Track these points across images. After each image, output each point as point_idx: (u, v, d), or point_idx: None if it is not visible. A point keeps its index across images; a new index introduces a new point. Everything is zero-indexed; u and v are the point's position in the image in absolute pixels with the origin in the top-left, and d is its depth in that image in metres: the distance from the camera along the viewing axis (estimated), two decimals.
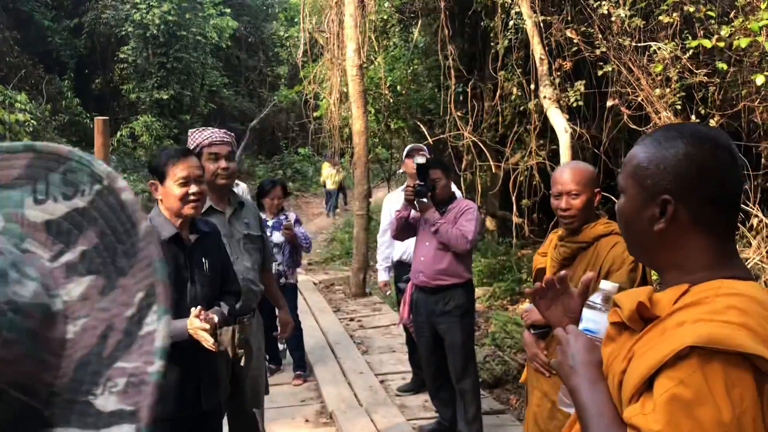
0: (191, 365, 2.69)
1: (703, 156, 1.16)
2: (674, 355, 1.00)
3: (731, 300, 1.05)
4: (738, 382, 0.97)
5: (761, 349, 0.97)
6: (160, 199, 2.71)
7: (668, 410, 0.98)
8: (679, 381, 0.99)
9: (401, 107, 9.81)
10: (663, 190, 1.18)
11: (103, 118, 5.56)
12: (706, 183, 1.15)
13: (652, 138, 1.24)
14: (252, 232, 3.50)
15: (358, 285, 8.57)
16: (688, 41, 6.03)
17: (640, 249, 1.29)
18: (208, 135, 3.28)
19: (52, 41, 17.73)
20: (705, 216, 1.16)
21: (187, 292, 2.71)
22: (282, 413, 4.96)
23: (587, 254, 2.73)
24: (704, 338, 0.98)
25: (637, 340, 1.13)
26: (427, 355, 4.37)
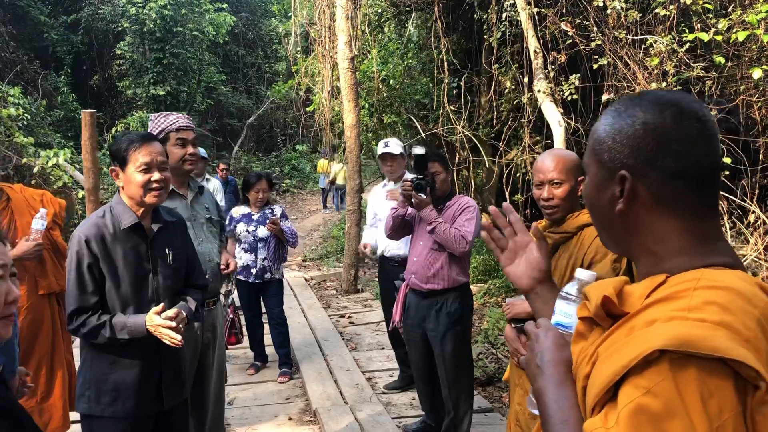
0: (152, 363, 2.59)
1: (662, 124, 1.02)
2: (642, 360, 0.86)
3: (711, 294, 0.91)
4: (716, 392, 0.83)
5: (743, 353, 0.83)
6: (122, 187, 2.59)
7: (633, 423, 0.84)
8: (647, 390, 0.85)
9: (395, 102, 9.69)
10: (620, 165, 1.05)
11: (91, 111, 5.47)
12: (667, 155, 1.01)
13: (613, 109, 1.11)
14: (213, 216, 3.45)
15: (350, 281, 8.46)
16: (685, 34, 5.93)
17: (608, 234, 1.15)
18: (175, 119, 3.18)
19: (48, 37, 17.66)
20: (669, 193, 1.02)
21: (149, 284, 2.60)
22: (266, 411, 4.86)
23: (570, 244, 2.62)
24: (676, 340, 0.84)
25: (603, 341, 0.98)
26: (418, 359, 4.20)
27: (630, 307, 0.98)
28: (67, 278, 2.51)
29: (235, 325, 5.44)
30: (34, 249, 3.44)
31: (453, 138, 8.35)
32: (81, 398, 2.55)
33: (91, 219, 2.55)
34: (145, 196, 2.54)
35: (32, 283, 3.69)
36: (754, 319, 0.89)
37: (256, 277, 5.36)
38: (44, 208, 3.59)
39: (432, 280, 3.93)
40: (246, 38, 24.89)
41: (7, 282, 1.46)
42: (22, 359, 3.68)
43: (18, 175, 8.79)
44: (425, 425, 4.36)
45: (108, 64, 19.52)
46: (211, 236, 3.43)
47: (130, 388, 2.52)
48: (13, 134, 9.08)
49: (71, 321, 2.48)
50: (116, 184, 2.62)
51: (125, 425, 2.54)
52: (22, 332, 3.60)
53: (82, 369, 2.58)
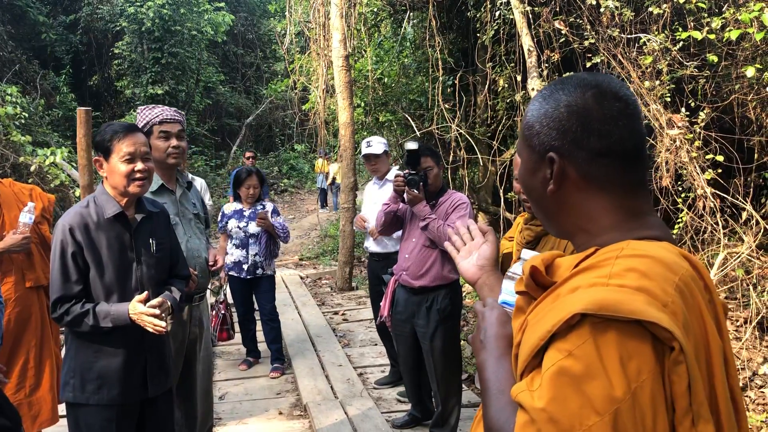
0: (136, 350, 2.61)
1: (584, 105, 1.05)
2: (564, 324, 0.89)
3: (632, 262, 0.94)
4: (635, 354, 0.86)
5: (658, 315, 0.86)
6: (105, 177, 2.61)
7: (555, 385, 0.87)
8: (569, 353, 0.88)
9: (390, 100, 9.71)
10: (548, 147, 1.08)
11: (86, 108, 5.49)
12: (590, 134, 1.04)
13: (539, 94, 1.14)
14: (200, 212, 3.46)
15: (344, 279, 8.47)
16: (679, 33, 5.94)
17: (544, 216, 1.18)
18: (159, 112, 3.19)
19: (46, 37, 17.68)
20: (596, 172, 1.05)
21: (133, 273, 2.61)
22: (256, 406, 4.88)
23: (551, 237, 2.63)
24: (594, 304, 0.87)
25: (532, 309, 1.02)
26: (405, 354, 4.21)
27: (559, 277, 1.01)
28: (51, 266, 2.53)
29: (227, 321, 5.46)
30: (21, 242, 3.46)
31: (448, 136, 8.37)
32: (66, 386, 2.56)
33: (74, 208, 2.57)
34: (128, 186, 2.56)
35: (19, 276, 3.70)
36: (672, 284, 0.92)
37: (248, 272, 5.38)
38: (32, 202, 3.61)
39: (423, 277, 3.93)
40: (245, 38, 24.91)
41: None
42: (10, 351, 3.70)
43: (15, 174, 8.80)
44: (412, 417, 4.38)
45: (107, 64, 19.55)
46: (199, 232, 3.45)
47: (114, 376, 2.54)
48: (10, 133, 9.09)
49: (55, 309, 2.50)
50: (100, 174, 2.63)
51: (110, 413, 2.55)
52: (9, 324, 3.62)
53: (67, 357, 2.60)
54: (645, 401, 0.85)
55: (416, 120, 9.38)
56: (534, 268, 1.03)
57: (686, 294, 0.94)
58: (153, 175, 2.70)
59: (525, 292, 1.07)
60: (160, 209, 2.85)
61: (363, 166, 17.82)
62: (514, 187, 2.69)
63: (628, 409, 0.84)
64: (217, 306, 5.47)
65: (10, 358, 3.69)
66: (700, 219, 5.83)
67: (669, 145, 5.89)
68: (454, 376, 4.08)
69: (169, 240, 2.83)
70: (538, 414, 0.87)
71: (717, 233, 5.75)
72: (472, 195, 9.19)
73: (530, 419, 0.89)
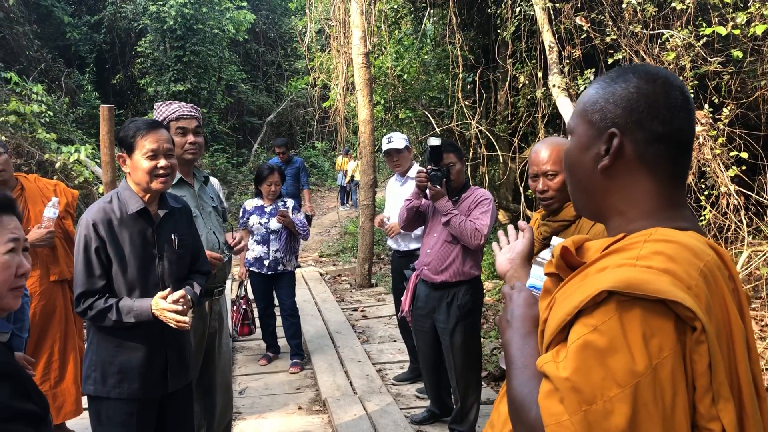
0: (157, 345, 2.63)
1: (654, 91, 1.09)
2: (590, 301, 0.93)
3: (659, 246, 0.98)
4: (658, 332, 0.89)
5: (682, 296, 0.90)
6: (128, 173, 2.64)
7: (580, 357, 0.92)
8: (594, 328, 0.92)
9: (410, 97, 9.71)
10: (611, 123, 1.12)
11: (109, 106, 5.57)
12: (655, 118, 1.08)
13: (604, 77, 1.18)
14: (217, 206, 3.49)
15: (364, 275, 8.49)
16: (703, 28, 5.87)
17: (582, 195, 1.21)
18: (176, 108, 3.22)
19: (71, 36, 17.89)
20: (651, 154, 1.10)
21: (155, 268, 2.64)
22: (276, 400, 4.91)
23: (569, 232, 2.62)
24: (622, 283, 0.91)
25: (560, 288, 1.06)
26: (425, 349, 4.21)
27: (588, 259, 1.06)
28: (75, 261, 2.56)
29: (248, 316, 5.52)
30: (45, 236, 3.52)
31: (468, 134, 8.36)
32: (88, 380, 2.59)
33: (98, 204, 2.60)
34: (151, 182, 2.58)
35: (44, 270, 3.77)
36: (697, 269, 0.96)
37: (268, 268, 5.42)
38: (56, 197, 3.67)
39: (444, 273, 3.93)
40: (266, 36, 25.01)
41: (20, 255, 1.58)
42: (36, 344, 3.77)
43: (40, 171, 8.92)
44: (431, 413, 4.39)
45: (129, 62, 19.75)
46: (219, 225, 3.48)
47: (135, 370, 2.57)
48: (36, 131, 9.23)
49: (78, 303, 2.52)
50: (123, 170, 2.66)
51: (131, 407, 2.58)
52: (35, 318, 3.69)
53: (89, 351, 2.63)
54: (665, 377, 0.88)
55: (436, 117, 9.38)
56: (565, 248, 1.08)
57: (710, 280, 0.98)
58: (176, 172, 2.72)
59: (554, 274, 1.11)
60: (183, 205, 2.87)
61: (383, 164, 17.83)
62: (531, 185, 2.69)
63: (649, 383, 0.87)
64: (238, 301, 5.52)
65: (35, 351, 3.76)
66: (723, 217, 5.77)
67: None
68: (474, 373, 4.07)
69: (191, 236, 2.85)
70: (562, 383, 0.92)
71: (741, 231, 5.68)
72: (492, 192, 9.17)
73: (554, 388, 0.93)
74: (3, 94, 10.04)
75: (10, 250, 1.53)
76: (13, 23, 15.38)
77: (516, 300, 1.27)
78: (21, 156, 8.79)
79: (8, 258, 1.52)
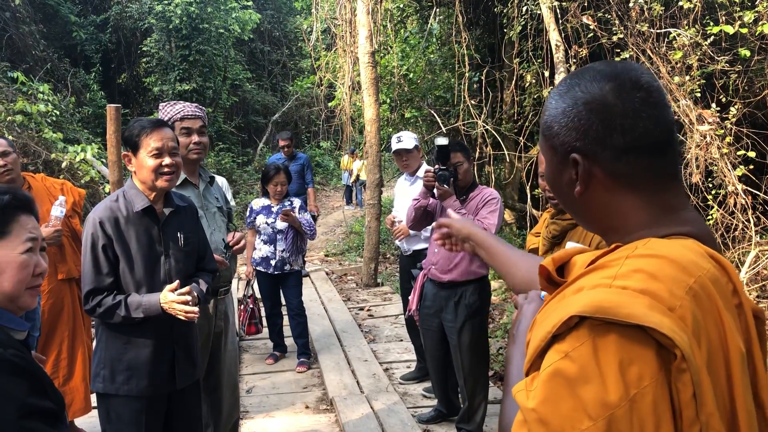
0: (164, 343, 2.65)
1: (603, 100, 0.98)
2: (563, 325, 0.86)
3: (641, 262, 0.89)
4: (637, 359, 0.81)
5: (658, 320, 0.81)
6: (134, 172, 2.65)
7: (549, 386, 0.84)
8: (565, 354, 0.84)
9: (416, 96, 9.70)
10: (570, 148, 1.02)
11: (116, 105, 5.57)
12: (613, 131, 0.98)
13: (557, 90, 1.07)
14: (222, 206, 3.50)
15: (370, 275, 8.49)
16: (710, 27, 5.85)
17: (576, 215, 1.12)
18: (180, 108, 3.23)
19: (77, 36, 17.94)
20: (623, 169, 0.99)
21: (161, 266, 2.65)
22: (283, 399, 4.92)
23: (577, 231, 2.62)
24: (591, 307, 0.83)
25: (542, 308, 0.98)
26: (432, 348, 4.22)
27: (571, 276, 0.98)
28: (82, 260, 2.57)
29: (255, 315, 5.53)
30: (53, 235, 3.53)
31: (474, 133, 8.35)
32: (97, 377, 2.61)
33: (104, 202, 2.62)
34: (156, 180, 2.59)
35: (52, 269, 3.78)
36: (684, 287, 0.87)
37: (275, 268, 5.42)
38: (63, 196, 3.68)
39: (452, 272, 3.94)
40: (271, 36, 25.02)
41: (37, 255, 1.60)
42: (44, 342, 3.78)
43: (47, 170, 8.94)
44: (438, 413, 4.39)
45: (135, 62, 19.77)
46: (223, 225, 3.48)
47: (143, 368, 2.58)
48: (42, 130, 9.26)
49: (87, 301, 2.54)
50: (128, 169, 2.67)
51: (140, 404, 2.59)
52: (43, 316, 3.70)
53: (98, 349, 2.64)
54: (646, 408, 0.80)
55: (442, 116, 9.37)
56: (543, 268, 1.01)
57: (702, 298, 0.88)
58: (181, 170, 2.73)
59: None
60: (188, 204, 2.88)
61: (388, 163, 17.81)
62: (540, 184, 2.68)
63: (624, 415, 0.80)
64: (245, 300, 5.53)
65: (43, 349, 3.77)
66: (730, 216, 5.75)
67: (699, 141, 5.81)
68: (481, 372, 4.07)
69: (197, 234, 2.86)
70: (529, 414, 0.86)
71: (748, 230, 5.66)
72: (498, 192, 9.15)
73: (524, 419, 0.87)
74: (10, 94, 10.07)
75: (28, 250, 1.55)
76: (19, 23, 15.43)
77: (525, 311, 1.19)
78: (27, 155, 8.82)
79: (26, 257, 1.54)
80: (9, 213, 1.54)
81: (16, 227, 1.54)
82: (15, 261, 1.52)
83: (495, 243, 1.64)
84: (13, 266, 1.51)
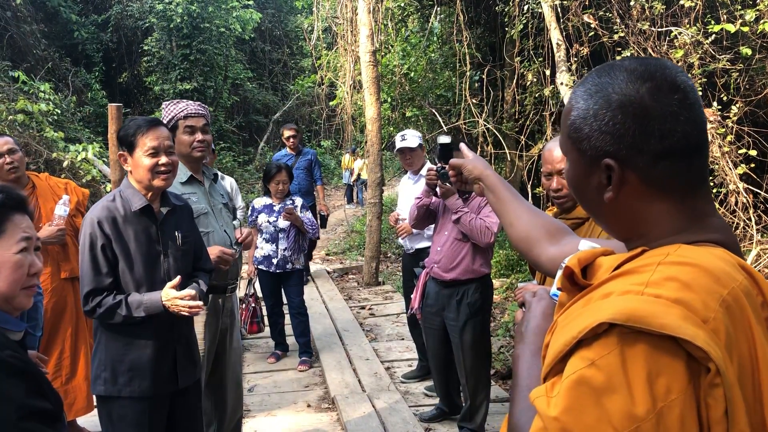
0: (166, 341, 2.64)
1: (640, 103, 0.93)
2: (590, 332, 0.82)
3: (675, 270, 0.85)
4: (665, 371, 0.78)
5: (693, 332, 0.78)
6: (130, 171, 2.64)
7: (573, 395, 0.81)
8: (591, 362, 0.80)
9: (417, 95, 9.70)
10: (602, 153, 0.97)
11: (117, 105, 5.58)
12: (651, 136, 0.93)
13: (583, 88, 1.01)
14: (228, 203, 3.51)
15: (371, 273, 8.49)
16: (711, 26, 5.85)
17: (599, 220, 1.08)
18: (183, 107, 3.23)
19: (78, 35, 17.94)
20: (659, 175, 0.95)
21: (161, 265, 2.65)
22: (285, 398, 4.93)
23: (582, 230, 2.61)
24: (623, 314, 0.80)
25: (564, 311, 0.95)
26: (435, 347, 4.23)
27: (597, 279, 0.94)
28: (81, 260, 2.55)
29: (257, 314, 5.53)
30: (56, 233, 3.54)
31: (475, 132, 8.35)
32: (97, 380, 2.58)
33: (101, 203, 2.60)
34: (153, 179, 2.58)
35: (55, 267, 3.79)
36: (718, 299, 0.84)
37: (277, 267, 5.43)
38: (67, 195, 3.69)
39: (454, 270, 3.95)
40: (272, 35, 25.02)
41: (32, 254, 1.58)
42: (47, 341, 3.79)
43: (48, 169, 8.95)
44: (440, 411, 4.40)
45: (136, 61, 19.77)
46: (230, 222, 3.49)
47: (146, 368, 2.57)
48: (43, 129, 9.26)
49: (87, 302, 2.51)
50: (124, 168, 2.66)
51: (143, 405, 2.58)
52: (46, 315, 3.71)
53: (97, 351, 2.62)
54: (673, 423, 0.77)
55: (443, 115, 9.37)
56: (568, 268, 0.97)
57: (735, 310, 0.85)
58: (177, 169, 2.72)
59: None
60: (184, 203, 2.88)
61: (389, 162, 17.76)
62: (544, 183, 2.68)
63: (651, 428, 0.77)
64: (247, 299, 5.53)
65: (46, 348, 3.78)
66: (732, 215, 5.75)
67: None
68: (483, 371, 4.08)
69: (194, 233, 2.86)
70: (551, 423, 0.82)
71: (749, 229, 5.67)
72: None
73: (543, 427, 0.84)
74: (11, 93, 10.08)
75: (22, 249, 1.53)
76: (20, 22, 15.44)
77: (534, 309, 1.15)
78: (29, 155, 8.82)
79: (21, 257, 1.52)
80: (3, 212, 1.52)
81: (10, 227, 1.52)
82: (9, 261, 1.50)
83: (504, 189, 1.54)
84: (8, 266, 1.50)
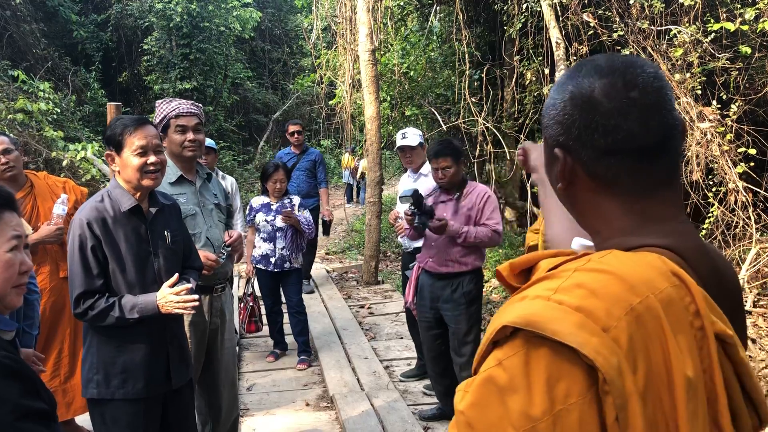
0: (158, 342, 2.63)
1: (590, 96, 0.93)
2: (497, 333, 0.84)
3: (586, 277, 0.85)
4: (565, 375, 0.78)
5: (581, 340, 0.78)
6: (118, 171, 2.61)
7: (480, 392, 0.83)
8: (499, 362, 0.83)
9: (416, 94, 9.70)
10: (554, 142, 0.98)
11: (116, 104, 5.59)
12: (594, 131, 0.93)
13: (559, 79, 1.02)
14: (221, 203, 3.49)
15: (370, 273, 8.49)
16: (710, 24, 5.85)
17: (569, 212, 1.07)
18: (175, 106, 3.21)
19: (78, 34, 17.95)
20: (604, 172, 0.94)
21: (151, 265, 2.64)
22: (283, 397, 4.93)
23: None
24: (523, 319, 0.81)
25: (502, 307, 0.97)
26: (430, 340, 4.28)
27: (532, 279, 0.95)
28: (70, 262, 2.51)
29: (255, 314, 5.53)
30: (55, 232, 3.53)
31: (475, 130, 8.35)
32: (89, 383, 2.54)
33: (89, 203, 2.57)
34: (141, 179, 2.56)
35: (54, 266, 3.79)
36: (625, 307, 0.82)
37: (275, 266, 5.43)
38: (65, 194, 3.69)
39: (449, 264, 4.04)
40: (272, 34, 25.03)
41: (22, 253, 1.55)
42: (46, 340, 3.78)
43: (47, 169, 8.95)
44: (440, 412, 4.40)
45: (136, 60, 19.77)
46: (220, 222, 3.48)
47: (139, 369, 2.55)
48: (43, 128, 9.27)
49: (78, 304, 2.47)
50: (112, 168, 2.63)
51: (137, 407, 2.56)
52: (44, 314, 3.70)
53: (87, 355, 2.58)
54: (571, 425, 0.78)
55: (442, 114, 9.37)
56: (497, 271, 1.00)
57: (646, 319, 0.83)
58: (165, 168, 2.70)
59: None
60: (172, 201, 2.87)
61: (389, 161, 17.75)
62: None
63: (546, 429, 0.78)
64: (245, 298, 5.53)
65: (45, 347, 3.78)
66: (731, 213, 5.75)
67: (700, 139, 5.81)
68: None
69: (182, 232, 2.85)
70: (458, 416, 0.85)
71: (749, 228, 5.67)
72: (499, 189, 9.15)
73: (455, 420, 0.86)
74: (10, 92, 10.08)
75: (13, 248, 1.51)
76: (19, 21, 15.44)
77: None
78: (28, 154, 8.83)
79: (11, 256, 1.51)
80: None
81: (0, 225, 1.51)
82: (0, 260, 1.49)
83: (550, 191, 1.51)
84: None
